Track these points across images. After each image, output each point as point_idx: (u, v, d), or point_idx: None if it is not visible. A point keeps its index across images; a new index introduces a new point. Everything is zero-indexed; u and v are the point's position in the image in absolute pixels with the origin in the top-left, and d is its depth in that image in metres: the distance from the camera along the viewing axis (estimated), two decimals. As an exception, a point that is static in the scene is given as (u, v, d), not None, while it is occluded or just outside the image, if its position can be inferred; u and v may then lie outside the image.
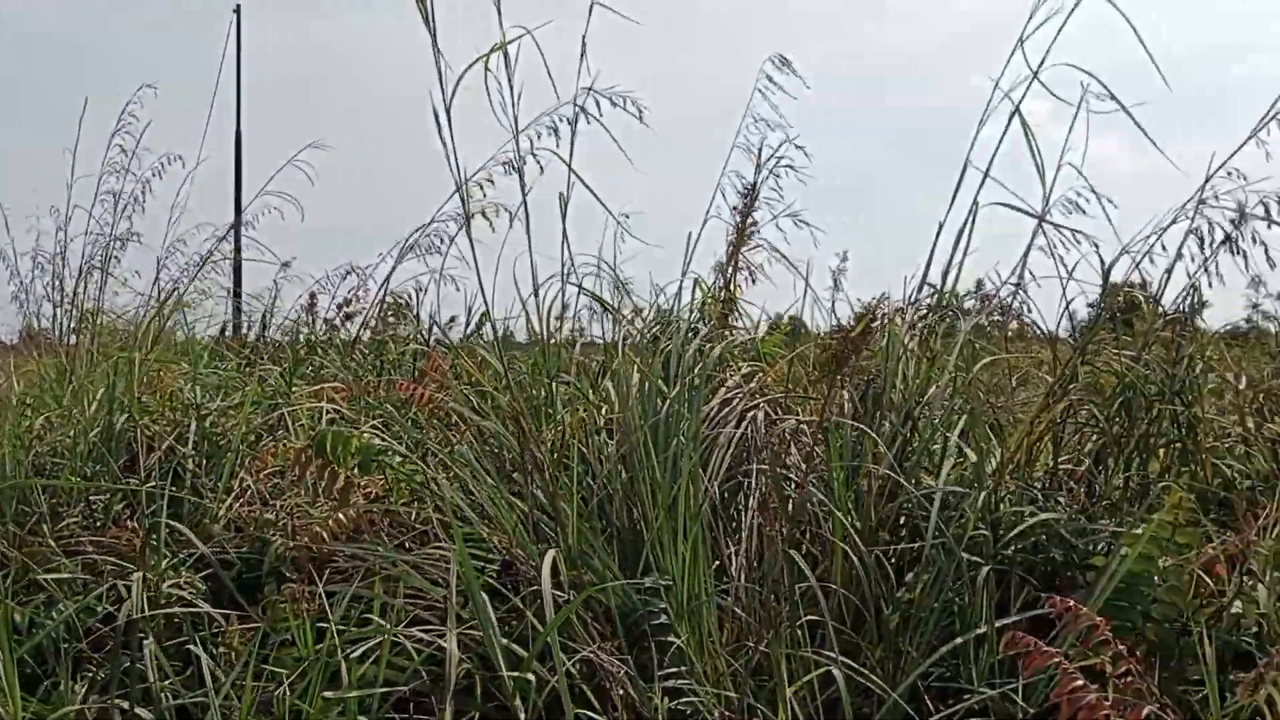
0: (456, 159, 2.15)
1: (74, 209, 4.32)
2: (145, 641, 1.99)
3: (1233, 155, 2.56)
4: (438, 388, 2.84)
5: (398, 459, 2.61)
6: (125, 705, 1.94)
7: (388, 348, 3.99)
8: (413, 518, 2.53)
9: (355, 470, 2.63)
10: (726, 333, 2.91)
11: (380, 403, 3.12)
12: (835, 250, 3.54)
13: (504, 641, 1.91)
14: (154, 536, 2.38)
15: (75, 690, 2.04)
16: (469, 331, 3.89)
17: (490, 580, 2.18)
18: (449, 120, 2.16)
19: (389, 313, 4.46)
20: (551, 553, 1.97)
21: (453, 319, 4.11)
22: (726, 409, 2.58)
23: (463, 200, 2.17)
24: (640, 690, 2.02)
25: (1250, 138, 2.56)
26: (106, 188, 4.29)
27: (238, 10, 6.04)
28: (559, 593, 2.05)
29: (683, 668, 2.08)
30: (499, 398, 2.41)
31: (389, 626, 1.81)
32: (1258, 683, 2.04)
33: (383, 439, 2.65)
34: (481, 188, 3.56)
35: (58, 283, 4.38)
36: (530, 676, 1.70)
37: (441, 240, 3.96)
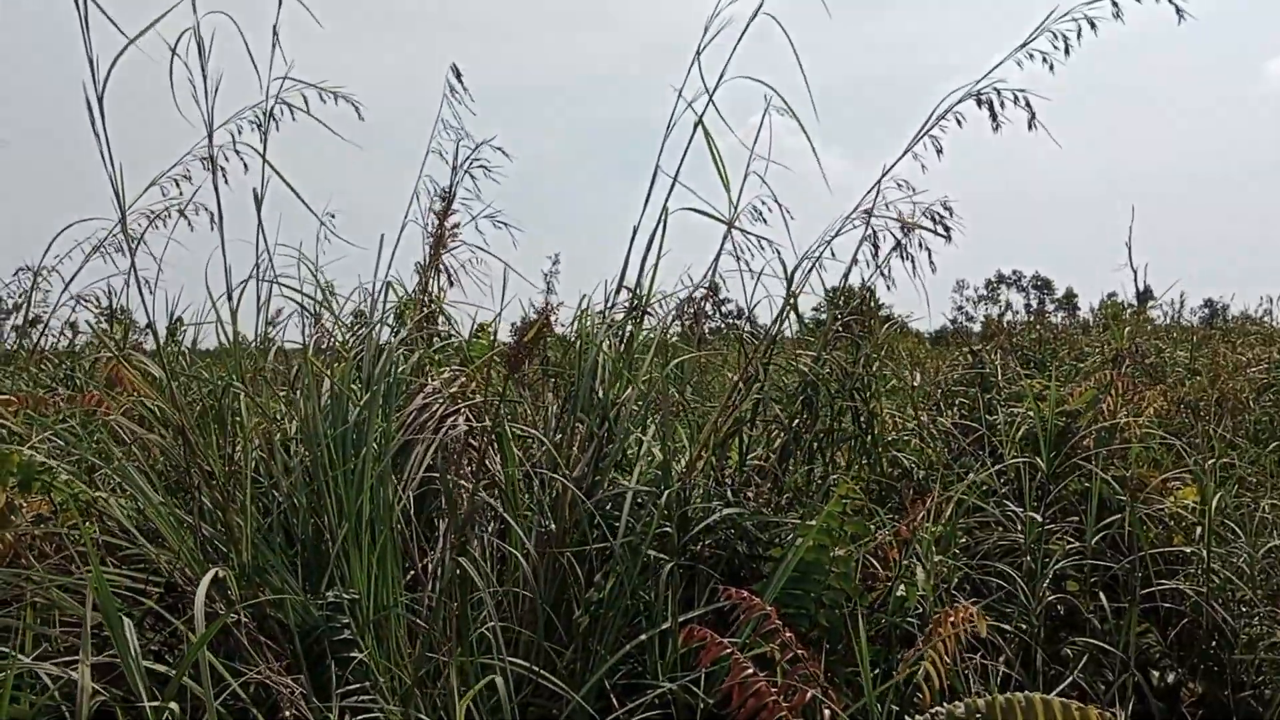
0: (110, 152, 2.00)
1: None
2: None
3: (891, 168, 2.73)
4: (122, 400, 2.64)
5: (64, 477, 2.40)
6: None
7: (81, 357, 3.67)
8: (80, 540, 2.34)
9: (16, 489, 2.42)
10: (430, 336, 2.85)
11: (61, 417, 2.87)
12: (548, 254, 3.57)
13: (158, 668, 1.79)
14: None
15: None
16: (167, 338, 3.63)
17: (153, 605, 2.04)
18: (101, 111, 2.02)
19: (101, 318, 4.13)
20: (213, 570, 1.86)
21: (148, 325, 3.82)
22: (425, 414, 2.53)
23: (117, 194, 2.02)
24: (315, 709, 1.94)
25: (904, 154, 2.74)
26: None
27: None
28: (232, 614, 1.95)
29: (366, 683, 2.02)
30: (166, 409, 2.26)
31: (14, 658, 1.65)
32: (917, 659, 2.19)
33: (47, 457, 2.43)
34: (178, 184, 3.36)
35: None
36: (174, 705, 1.59)
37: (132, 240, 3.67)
